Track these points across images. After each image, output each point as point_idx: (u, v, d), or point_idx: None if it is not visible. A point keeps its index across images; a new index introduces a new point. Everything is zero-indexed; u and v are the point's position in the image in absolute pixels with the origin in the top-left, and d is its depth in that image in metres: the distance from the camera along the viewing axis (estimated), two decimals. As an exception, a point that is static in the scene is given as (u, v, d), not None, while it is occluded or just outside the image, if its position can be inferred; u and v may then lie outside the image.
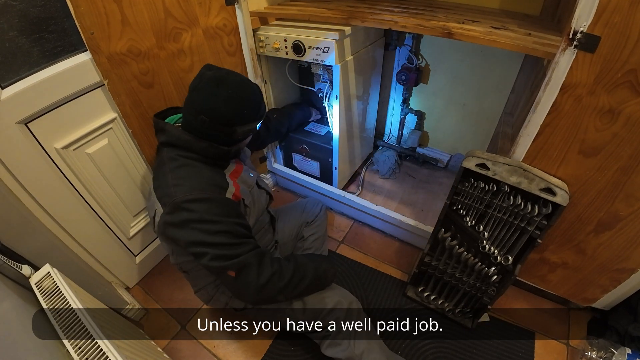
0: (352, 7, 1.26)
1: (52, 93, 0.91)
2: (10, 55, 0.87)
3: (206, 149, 0.91)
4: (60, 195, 1.01)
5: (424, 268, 1.18)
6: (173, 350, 1.17)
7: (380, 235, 1.55)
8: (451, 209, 1.05)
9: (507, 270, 0.99)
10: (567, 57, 0.73)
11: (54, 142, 0.96)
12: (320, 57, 1.24)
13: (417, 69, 1.61)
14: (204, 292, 1.06)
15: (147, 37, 1.02)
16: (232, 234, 0.86)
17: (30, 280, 0.84)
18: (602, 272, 1.04)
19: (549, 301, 1.28)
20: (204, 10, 1.14)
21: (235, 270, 0.85)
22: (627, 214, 0.89)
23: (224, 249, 0.84)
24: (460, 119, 1.74)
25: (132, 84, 1.04)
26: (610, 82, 0.72)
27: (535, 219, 0.90)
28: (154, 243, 1.40)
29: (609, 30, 0.66)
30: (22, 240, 0.92)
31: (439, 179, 1.86)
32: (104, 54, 0.95)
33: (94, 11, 0.89)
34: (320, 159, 1.65)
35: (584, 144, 0.83)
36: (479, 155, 0.93)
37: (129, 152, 1.16)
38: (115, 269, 1.26)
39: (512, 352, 1.14)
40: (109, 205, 1.16)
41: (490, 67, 1.49)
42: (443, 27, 0.99)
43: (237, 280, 0.85)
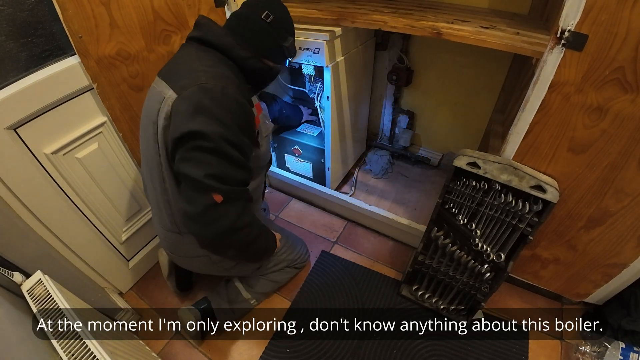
0: (342, 8, 1.26)
1: (40, 98, 0.90)
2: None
3: (247, 59, 0.86)
4: (51, 201, 1.00)
5: (417, 267, 1.19)
6: (168, 354, 1.16)
7: (374, 235, 1.56)
8: (443, 208, 1.06)
9: (499, 268, 1.00)
10: (555, 55, 0.74)
11: (43, 147, 0.95)
12: (311, 58, 1.24)
13: (407, 68, 1.62)
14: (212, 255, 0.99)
15: (136, 40, 1.02)
16: (242, 154, 0.80)
17: (22, 288, 0.84)
18: (594, 267, 1.05)
19: (542, 297, 1.29)
20: (194, 12, 1.13)
21: (225, 196, 0.76)
22: (617, 210, 0.90)
23: (227, 165, 0.77)
24: (451, 118, 1.75)
25: (122, 87, 1.04)
26: (598, 80, 0.73)
27: (527, 216, 0.90)
28: (146, 247, 1.39)
29: (596, 29, 0.67)
30: (12, 247, 0.90)
31: (431, 178, 1.87)
32: (92, 58, 0.94)
33: (82, 14, 0.88)
34: (313, 160, 1.65)
35: (573, 141, 0.84)
36: (469, 154, 0.94)
37: (119, 156, 1.15)
38: (107, 274, 1.25)
39: (506, 348, 1.14)
40: (100, 210, 1.15)
41: (480, 66, 1.50)
42: (432, 27, 1.00)
43: (219, 207, 0.76)
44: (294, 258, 1.29)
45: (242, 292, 1.20)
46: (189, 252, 1.03)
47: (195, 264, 1.07)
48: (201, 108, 0.74)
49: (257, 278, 1.22)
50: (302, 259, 1.34)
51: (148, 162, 0.93)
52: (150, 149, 0.88)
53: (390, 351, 1.14)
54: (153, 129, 0.85)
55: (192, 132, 0.74)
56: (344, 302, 1.29)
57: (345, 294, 1.31)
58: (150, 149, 0.89)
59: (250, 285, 1.21)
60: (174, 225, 0.98)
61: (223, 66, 0.85)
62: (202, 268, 1.10)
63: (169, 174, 0.88)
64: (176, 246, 1.04)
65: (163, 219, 0.99)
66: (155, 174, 0.91)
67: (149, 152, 0.90)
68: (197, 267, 1.10)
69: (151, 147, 0.88)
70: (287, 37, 0.94)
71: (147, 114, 0.89)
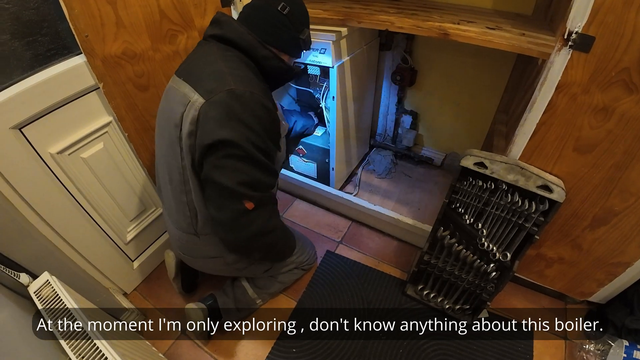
0: (348, 8, 1.27)
1: (46, 97, 0.89)
2: (2, 59, 0.85)
3: (268, 59, 0.85)
4: (56, 201, 0.99)
5: (423, 266, 1.19)
6: (174, 354, 1.16)
7: (378, 235, 1.56)
8: (450, 208, 1.06)
9: (505, 267, 1.00)
10: (562, 57, 0.74)
11: (48, 147, 0.94)
12: (317, 58, 1.24)
13: (411, 69, 1.62)
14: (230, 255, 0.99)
15: (142, 39, 1.01)
16: (269, 159, 0.80)
17: (28, 289, 0.83)
18: (598, 266, 1.06)
19: (546, 296, 1.30)
20: (200, 12, 1.13)
21: (256, 203, 0.77)
22: (622, 209, 0.91)
23: (258, 172, 0.77)
24: (454, 118, 1.76)
25: (127, 86, 1.03)
26: (605, 81, 0.73)
27: (533, 215, 0.91)
28: (151, 247, 1.39)
29: (603, 30, 0.68)
30: (17, 248, 0.90)
31: (434, 178, 1.87)
32: (98, 57, 0.93)
33: (88, 13, 0.88)
34: (317, 160, 1.65)
35: (579, 142, 0.84)
36: (476, 154, 0.94)
37: (124, 156, 1.15)
38: (112, 275, 1.24)
39: (510, 347, 1.15)
40: (105, 210, 1.14)
41: (483, 66, 1.50)
42: (439, 28, 1.00)
43: (250, 214, 0.78)
44: (303, 260, 1.29)
45: (249, 292, 1.20)
46: (204, 253, 1.02)
47: (209, 265, 1.07)
48: (232, 115, 0.74)
49: (265, 278, 1.22)
50: (310, 260, 1.34)
51: (166, 163, 0.91)
52: (171, 151, 0.87)
53: (396, 350, 1.14)
54: (176, 133, 0.83)
55: (224, 141, 0.73)
56: (349, 301, 1.29)
57: (350, 293, 1.31)
58: (170, 151, 0.87)
59: (257, 285, 1.21)
60: (190, 227, 0.96)
61: (245, 67, 0.84)
62: (215, 269, 1.09)
63: (193, 177, 0.86)
64: (190, 247, 1.03)
65: (179, 220, 0.97)
66: (175, 175, 0.89)
67: (169, 154, 0.88)
68: (210, 268, 1.10)
69: (172, 150, 0.86)
70: (304, 29, 0.93)
71: (167, 116, 0.87)
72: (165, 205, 1.03)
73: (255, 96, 0.77)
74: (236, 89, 0.75)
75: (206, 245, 0.98)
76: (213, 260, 1.04)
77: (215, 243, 0.98)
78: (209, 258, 1.03)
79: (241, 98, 0.75)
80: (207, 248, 0.99)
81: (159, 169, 0.98)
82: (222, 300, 1.16)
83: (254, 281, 1.22)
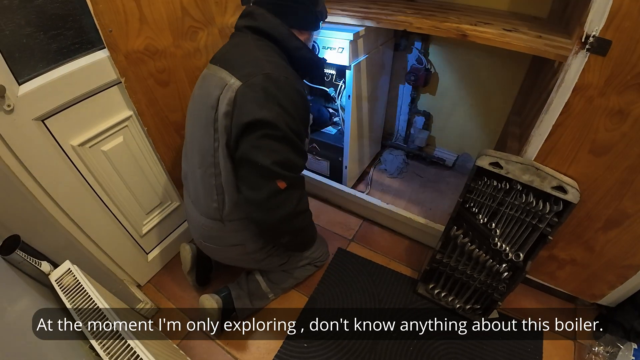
0: (366, 8, 1.28)
1: (69, 90, 0.91)
2: (27, 51, 0.86)
3: (299, 49, 0.88)
4: (75, 192, 1.01)
5: (435, 265, 1.20)
6: (186, 347, 1.17)
7: (389, 233, 1.57)
8: (463, 207, 1.07)
9: (517, 267, 1.01)
10: (579, 60, 0.75)
11: (70, 139, 0.96)
12: (335, 57, 1.26)
13: (426, 69, 1.63)
14: (252, 243, 1.02)
15: (164, 36, 1.03)
16: (303, 142, 0.83)
17: (50, 277, 0.84)
18: (610, 268, 1.07)
19: (557, 298, 1.30)
20: (221, 10, 1.15)
21: (288, 183, 0.80)
22: (635, 212, 0.91)
23: (292, 153, 0.80)
24: (467, 119, 1.76)
25: (149, 82, 1.05)
26: (621, 84, 0.74)
27: (547, 216, 0.92)
28: (165, 241, 1.41)
29: (619, 35, 0.69)
30: (38, 237, 0.91)
31: (446, 178, 1.88)
32: (121, 52, 0.95)
33: (112, 9, 0.90)
34: (330, 158, 1.67)
35: (595, 144, 0.85)
36: (492, 154, 0.95)
37: (143, 150, 1.17)
38: (127, 267, 1.26)
39: (520, 348, 1.16)
40: (122, 203, 1.16)
41: (498, 68, 1.51)
42: (457, 29, 1.01)
43: (283, 193, 0.81)
44: (317, 256, 1.31)
45: (262, 286, 1.21)
46: (227, 241, 1.03)
47: (229, 254, 1.08)
48: (270, 96, 0.77)
49: (278, 273, 1.24)
50: (323, 257, 1.35)
51: (198, 145, 0.92)
52: (205, 132, 0.88)
53: (406, 349, 1.15)
54: (211, 114, 0.85)
55: (263, 121, 0.76)
56: (360, 299, 1.30)
57: (361, 291, 1.32)
58: (204, 133, 0.89)
59: (270, 280, 1.22)
60: (217, 212, 0.97)
61: (277, 56, 0.87)
62: (234, 258, 1.11)
63: (225, 159, 0.88)
64: (214, 235, 1.03)
65: (206, 206, 0.97)
66: (207, 158, 0.90)
67: (202, 135, 0.90)
68: (229, 258, 1.11)
69: (206, 132, 0.88)
70: (317, 1, 0.93)
71: (203, 100, 0.89)
72: (191, 192, 1.03)
73: (290, 81, 0.80)
74: (272, 73, 0.78)
75: (230, 232, 1.00)
76: (234, 249, 1.05)
77: (240, 229, 1.00)
78: (230, 246, 1.05)
79: (277, 81, 0.78)
80: (230, 235, 1.01)
81: (188, 154, 1.00)
82: (236, 293, 1.18)
83: (268, 275, 1.23)
